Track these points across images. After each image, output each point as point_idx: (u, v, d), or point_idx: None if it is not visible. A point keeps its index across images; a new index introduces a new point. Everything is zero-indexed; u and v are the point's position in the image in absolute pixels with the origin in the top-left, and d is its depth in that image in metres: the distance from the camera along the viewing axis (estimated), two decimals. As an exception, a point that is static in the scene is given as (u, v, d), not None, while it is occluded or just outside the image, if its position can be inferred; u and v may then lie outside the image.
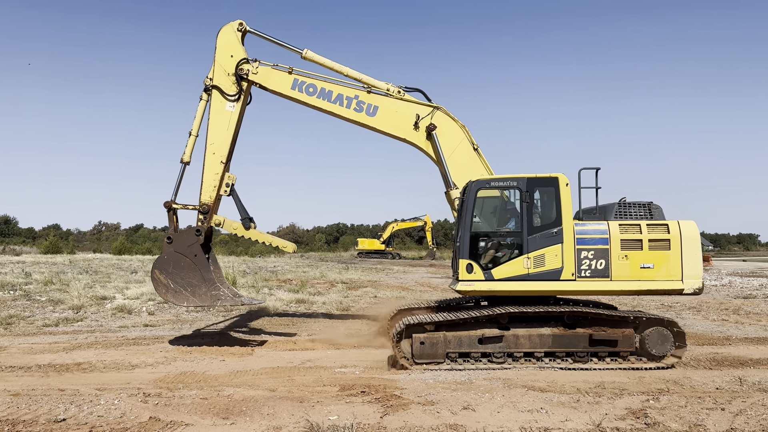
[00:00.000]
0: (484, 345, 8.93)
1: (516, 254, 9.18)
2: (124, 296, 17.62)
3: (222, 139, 10.87)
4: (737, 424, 6.09)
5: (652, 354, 8.98)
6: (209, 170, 10.86)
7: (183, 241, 10.60)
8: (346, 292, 21.48)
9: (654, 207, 9.64)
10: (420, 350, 8.84)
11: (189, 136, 10.97)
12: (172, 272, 10.47)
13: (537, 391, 7.48)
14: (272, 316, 15.13)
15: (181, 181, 10.84)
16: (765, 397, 7.11)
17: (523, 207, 9.19)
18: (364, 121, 11.05)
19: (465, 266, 9.24)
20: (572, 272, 9.08)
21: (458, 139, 10.93)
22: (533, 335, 8.95)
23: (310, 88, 11.11)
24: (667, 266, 9.12)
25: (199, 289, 10.44)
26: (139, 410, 6.56)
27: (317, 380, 8.17)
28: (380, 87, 11.07)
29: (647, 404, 6.87)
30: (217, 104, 10.95)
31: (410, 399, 7.05)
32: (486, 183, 9.48)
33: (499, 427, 6.08)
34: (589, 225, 9.26)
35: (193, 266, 10.53)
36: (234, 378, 8.40)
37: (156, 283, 10.51)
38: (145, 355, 10.03)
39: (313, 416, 6.33)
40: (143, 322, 13.91)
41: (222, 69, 10.98)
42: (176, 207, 10.74)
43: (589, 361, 8.98)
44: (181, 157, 10.92)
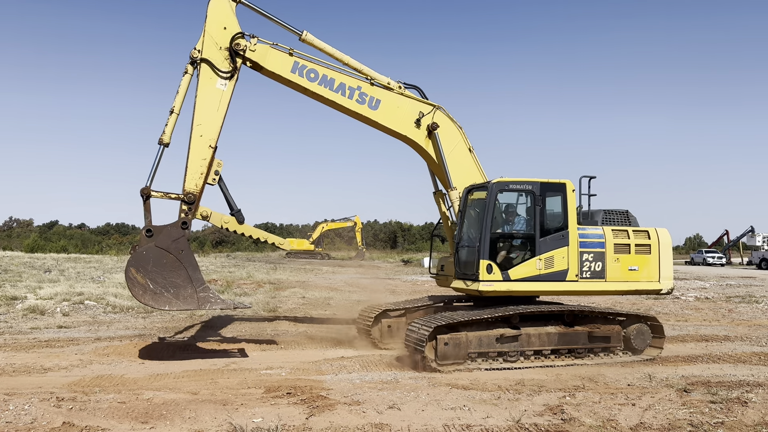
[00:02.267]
0: (501, 344, 9.21)
1: (529, 256, 9.63)
2: (36, 296, 16.72)
3: (211, 121, 9.52)
4: (646, 419, 6.45)
5: (635, 348, 9.87)
6: (196, 155, 9.37)
7: (166, 235, 9.01)
8: (274, 292, 21.24)
9: (630, 215, 10.60)
10: (444, 351, 8.85)
11: (170, 114, 9.47)
12: (151, 271, 8.85)
13: (460, 389, 7.65)
14: (195, 317, 14.75)
15: (158, 166, 9.35)
16: (672, 393, 7.56)
17: (536, 210, 9.66)
18: (366, 113, 10.52)
19: (485, 267, 9.44)
20: (576, 273, 9.75)
21: (456, 140, 10.92)
22: (542, 334, 9.46)
23: (312, 73, 10.21)
24: (648, 268, 10.16)
25: (184, 290, 8.94)
26: (52, 415, 6.25)
27: (242, 382, 8.04)
28: (381, 80, 10.60)
29: (564, 400, 7.16)
30: (206, 81, 9.60)
31: (336, 399, 7.06)
32: (506, 185, 9.80)
33: (424, 425, 6.18)
34: (588, 229, 10.02)
35: (178, 264, 9.00)
36: (154, 381, 8.15)
37: (131, 283, 8.81)
38: (59, 358, 9.57)
39: (237, 419, 6.23)
40: (57, 324, 13.25)
41: (213, 41, 9.65)
42: (155, 195, 9.19)
43: (587, 356, 9.70)
44: (160, 138, 9.36)
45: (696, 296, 21.74)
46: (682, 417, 6.50)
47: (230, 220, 10.42)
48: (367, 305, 11.89)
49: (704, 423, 6.26)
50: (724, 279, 31.97)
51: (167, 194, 9.28)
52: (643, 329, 9.98)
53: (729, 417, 6.46)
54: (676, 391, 7.62)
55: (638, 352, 9.94)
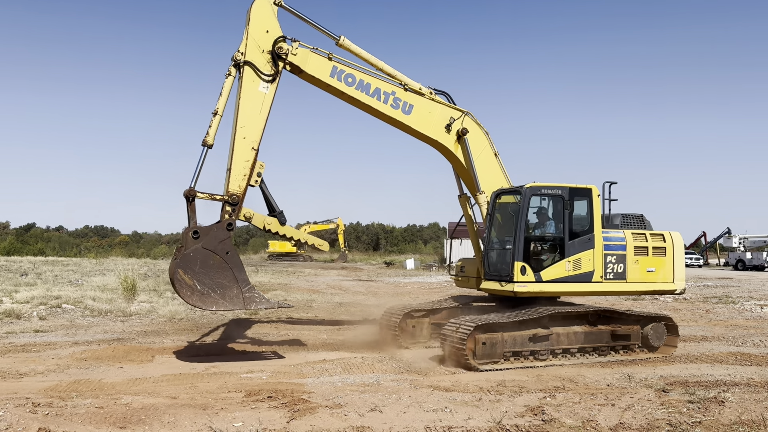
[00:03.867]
0: (534, 343, 9.59)
1: (559, 258, 10.01)
2: (12, 300, 16.44)
3: (254, 123, 9.61)
4: (625, 419, 6.51)
5: (652, 346, 10.41)
6: (239, 157, 9.47)
7: (213, 236, 9.12)
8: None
9: (645, 219, 11.11)
10: (482, 350, 9.16)
11: (213, 116, 9.54)
12: (199, 272, 8.93)
13: (442, 391, 7.67)
14: (175, 321, 14.61)
15: (202, 166, 9.37)
16: (650, 393, 7.64)
17: (565, 214, 10.05)
18: (400, 118, 10.73)
19: (519, 268, 9.77)
20: (601, 275, 10.18)
21: (483, 145, 11.17)
22: (570, 333, 9.90)
23: (349, 78, 10.38)
24: (664, 270, 10.70)
25: (230, 290, 9.09)
26: (27, 421, 6.14)
27: (222, 386, 7.97)
28: (413, 86, 10.83)
29: (544, 401, 7.20)
30: (249, 83, 9.67)
31: (318, 402, 7.03)
32: (538, 190, 10.19)
33: (405, 427, 6.18)
34: (611, 233, 10.48)
35: (225, 265, 9.12)
36: (132, 386, 8.04)
37: (179, 285, 8.88)
38: (35, 363, 9.42)
39: (217, 423, 6.17)
40: (33, 328, 13.04)
41: (256, 44, 9.72)
42: (201, 197, 9.23)
43: (608, 354, 10.19)
44: (204, 139, 9.42)
45: (674, 297, 22.00)
46: (660, 417, 6.57)
47: (272, 222, 10.55)
48: (390, 306, 12.10)
49: (682, 422, 6.33)
50: (701, 280, 32.43)
51: (212, 196, 9.32)
52: (660, 328, 10.48)
53: (706, 416, 6.54)
54: (655, 391, 7.71)
55: (654, 350, 10.45)
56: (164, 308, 16.00)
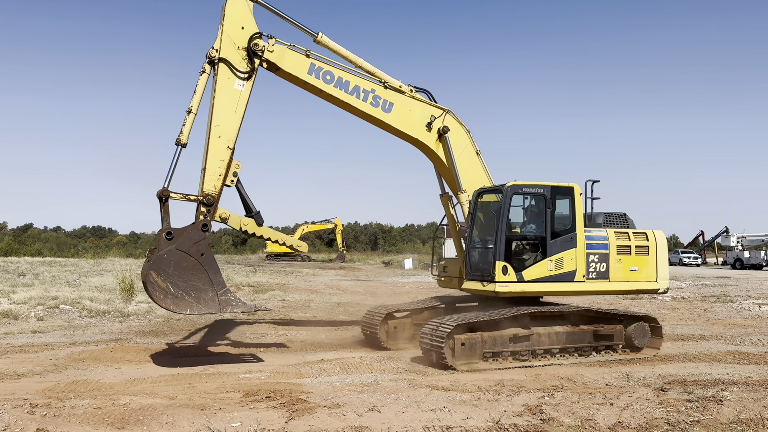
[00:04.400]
0: (514, 344, 9.49)
1: (541, 257, 9.93)
2: (10, 301, 16.41)
3: (229, 121, 9.44)
4: (624, 418, 6.51)
5: (636, 346, 10.30)
6: (214, 156, 9.31)
7: (187, 237, 8.89)
8: (254, 295, 21.10)
9: (628, 217, 10.96)
10: (461, 351, 9.08)
11: (187, 114, 9.34)
12: (172, 274, 8.69)
13: (440, 390, 7.66)
14: (172, 321, 14.60)
15: (176, 166, 9.22)
16: (649, 392, 7.64)
17: (547, 213, 9.97)
18: (379, 116, 10.60)
19: (501, 268, 9.68)
20: (583, 274, 10.10)
21: (464, 143, 11.09)
22: (551, 333, 9.79)
23: (328, 75, 10.23)
24: (647, 269, 10.61)
25: (205, 293, 8.85)
26: (25, 422, 6.13)
27: (220, 387, 7.96)
28: (393, 83, 10.70)
29: (543, 401, 7.20)
30: (224, 81, 9.49)
31: (316, 402, 7.02)
32: (519, 189, 10.10)
33: (404, 427, 6.17)
34: (593, 231, 10.39)
35: (199, 267, 8.89)
36: (130, 386, 8.03)
37: (152, 288, 8.65)
38: (33, 364, 9.40)
39: (215, 423, 6.16)
40: (31, 329, 13.02)
41: (231, 41, 9.54)
42: (174, 197, 9.05)
43: (590, 354, 10.08)
44: (178, 138, 9.23)
45: (672, 296, 22.02)
46: (659, 416, 6.57)
47: (249, 223, 10.27)
48: (372, 307, 11.94)
49: (681, 421, 6.33)
50: (699, 279, 32.46)
51: (186, 196, 9.16)
52: (644, 328, 10.40)
53: (705, 415, 6.54)
54: (653, 390, 7.71)
55: (638, 350, 10.34)
56: (162, 309, 15.95)
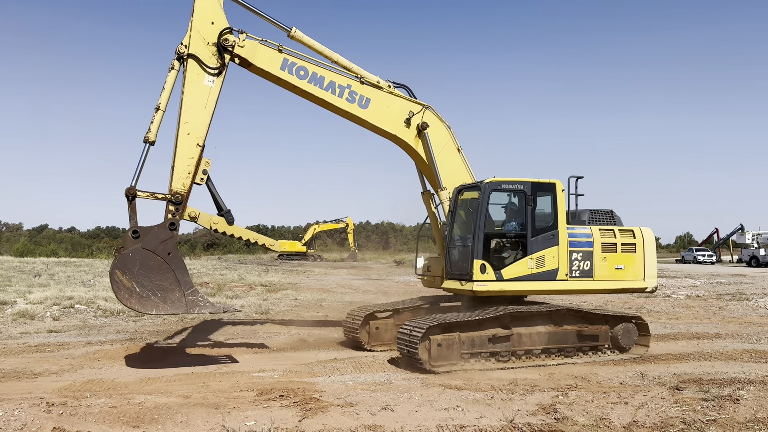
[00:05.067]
0: (493, 344, 9.21)
1: (521, 255, 9.66)
2: (26, 301, 16.59)
3: (199, 119, 9.21)
4: (639, 417, 6.47)
5: (622, 346, 9.97)
6: (183, 154, 9.08)
7: (154, 236, 8.68)
8: (266, 294, 21.17)
9: (615, 214, 10.70)
10: (438, 352, 8.81)
11: (155, 111, 9.18)
12: (138, 273, 8.50)
13: (454, 389, 7.65)
14: (186, 321, 14.67)
15: (143, 164, 9.04)
16: (664, 391, 7.58)
17: (527, 210, 9.70)
18: (356, 112, 10.37)
19: (479, 266, 9.40)
20: (566, 273, 9.80)
21: (445, 139, 10.88)
22: (533, 333, 9.46)
23: (301, 71, 10.00)
24: (633, 267, 10.29)
25: (172, 293, 8.65)
26: (42, 421, 6.19)
27: (234, 385, 8.00)
28: (371, 79, 10.48)
29: (557, 400, 7.17)
30: (193, 77, 9.30)
31: (329, 401, 7.03)
32: (498, 185, 9.81)
33: (417, 426, 6.17)
34: (577, 229, 10.06)
35: (166, 267, 8.69)
36: (145, 385, 8.09)
37: (116, 287, 8.44)
38: (49, 363, 9.49)
39: (229, 422, 6.19)
40: (47, 328, 13.15)
41: (200, 37, 9.33)
42: (141, 195, 8.84)
43: (575, 355, 9.73)
44: (146, 136, 9.04)
45: (687, 294, 21.85)
46: (674, 415, 6.52)
47: (219, 221, 10.14)
48: (355, 307, 11.75)
49: (696, 420, 6.28)
50: (714, 277, 32.16)
51: (154, 194, 8.98)
52: (630, 328, 10.05)
53: (721, 414, 6.48)
54: (669, 389, 7.65)
55: (625, 351, 10.04)
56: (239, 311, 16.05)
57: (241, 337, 12.19)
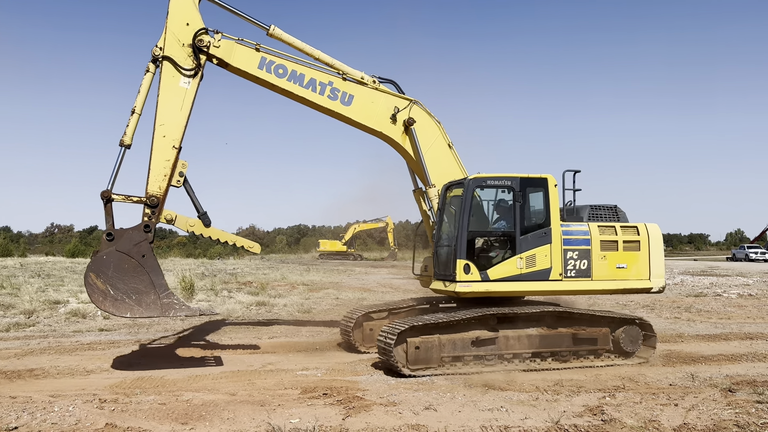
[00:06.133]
0: (477, 347, 8.81)
1: (509, 254, 9.16)
2: (78, 300, 17.14)
3: (174, 121, 9.18)
4: (690, 419, 6.30)
5: (625, 351, 9.30)
6: (159, 156, 9.04)
7: (128, 238, 8.61)
8: (308, 294, 21.36)
9: (619, 210, 10.00)
10: (415, 355, 8.50)
11: (131, 114, 9.13)
12: (112, 276, 8.44)
13: (497, 390, 7.59)
14: (232, 320, 14.93)
15: (119, 168, 9.04)
16: (716, 393, 7.36)
17: (516, 207, 9.19)
18: (338, 110, 10.14)
19: (462, 267, 9.00)
20: (560, 272, 9.23)
21: (434, 135, 10.50)
22: (522, 336, 8.98)
23: (280, 69, 9.86)
24: (637, 266, 9.54)
25: (146, 296, 8.55)
26: (95, 417, 6.40)
27: (278, 383, 8.11)
28: (354, 75, 10.21)
29: (604, 401, 7.04)
30: (168, 79, 9.23)
31: (372, 400, 7.06)
32: (483, 181, 9.38)
33: (461, 426, 6.14)
34: (573, 226, 9.46)
35: (140, 269, 8.60)
36: (193, 382, 8.27)
37: (90, 289, 8.43)
38: (101, 360, 9.79)
39: (275, 420, 6.28)
40: (98, 327, 13.56)
41: (175, 38, 9.28)
42: (116, 198, 8.83)
43: (570, 359, 9.16)
44: (121, 139, 9.00)
45: (739, 293, 21.14)
46: (727, 417, 6.32)
47: (196, 224, 10.00)
48: (350, 308, 11.51)
49: (751, 424, 6.08)
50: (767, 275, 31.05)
51: (129, 197, 8.95)
52: (633, 331, 9.37)
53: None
54: (721, 391, 7.43)
55: (629, 356, 9.39)
56: (221, 307, 16.39)
57: (284, 336, 12.33)
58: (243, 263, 45.09)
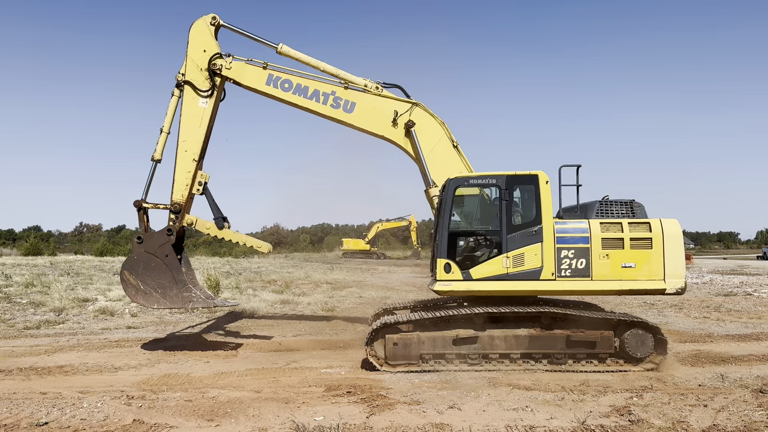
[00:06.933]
0: (458, 346, 8.74)
1: (495, 253, 9.01)
2: (106, 298, 17.43)
3: (194, 136, 10.56)
4: (720, 421, 6.17)
5: (632, 356, 8.76)
6: (181, 168, 10.51)
7: (153, 241, 10.26)
8: (331, 292, 21.43)
9: (636, 205, 9.45)
10: (393, 351, 8.68)
11: (160, 133, 10.62)
12: (142, 273, 10.11)
13: (522, 390, 7.52)
14: (256, 317, 15.05)
15: (151, 180, 10.52)
16: (746, 394, 7.21)
17: (502, 205, 9.04)
18: (341, 117, 10.72)
19: (443, 266, 9.04)
20: (552, 272, 8.89)
21: (437, 136, 10.62)
22: (509, 336, 8.75)
23: (286, 83, 10.75)
24: (649, 265, 8.91)
25: (170, 290, 10.11)
26: (123, 413, 6.50)
27: (303, 381, 8.14)
28: (358, 83, 10.72)
29: (631, 401, 6.94)
30: (189, 100, 10.63)
31: (396, 399, 7.05)
32: (465, 180, 9.34)
33: (485, 425, 6.10)
34: (569, 223, 9.10)
35: (164, 267, 10.18)
36: (218, 379, 8.35)
37: (125, 285, 10.17)
38: (128, 358, 9.94)
39: (299, 417, 6.31)
40: (126, 324, 13.77)
41: (194, 64, 10.66)
42: (147, 206, 10.42)
43: (566, 362, 8.79)
44: (152, 155, 10.57)
45: (770, 292, 20.67)
46: (758, 419, 6.18)
47: (211, 226, 10.88)
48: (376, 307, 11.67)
49: (784, 426, 5.94)
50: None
51: (156, 205, 10.50)
52: (641, 335, 8.75)
53: (811, 420, 6.10)
54: (752, 392, 7.27)
55: (638, 362, 8.75)
56: (246, 304, 16.52)
57: (308, 334, 12.38)
58: (267, 262, 45.40)
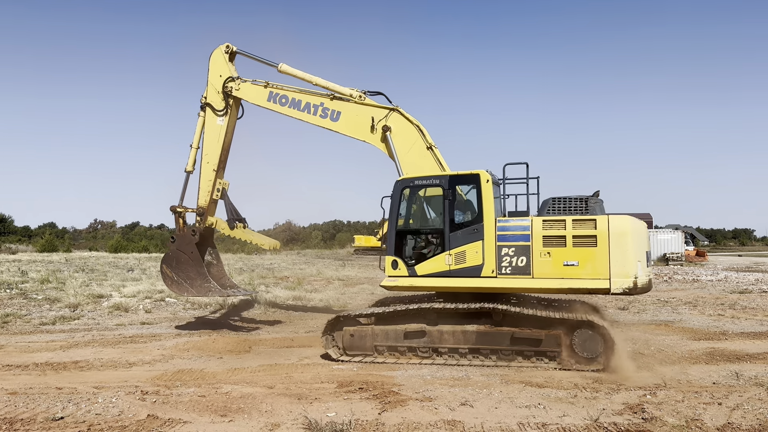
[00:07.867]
0: (408, 340, 9.15)
1: (439, 251, 9.38)
2: (120, 294, 17.58)
3: (214, 150, 12.33)
4: (734, 419, 6.12)
5: (581, 356, 8.52)
6: (204, 178, 12.39)
7: (183, 240, 12.27)
8: (343, 288, 21.47)
9: (593, 201, 9.21)
10: (350, 342, 9.33)
11: (191, 148, 12.50)
12: (175, 267, 12.14)
13: (534, 387, 7.50)
14: (269, 314, 15.12)
15: (186, 189, 12.53)
16: (761, 392, 7.15)
17: (445, 204, 9.40)
18: (329, 126, 11.52)
19: (390, 263, 9.62)
20: (492, 269, 9.01)
21: (412, 139, 10.82)
22: (457, 332, 8.96)
23: (283, 99, 11.86)
24: (593, 264, 8.67)
25: (195, 281, 11.97)
26: (137, 408, 6.56)
27: (315, 377, 8.18)
28: (344, 93, 11.39)
29: (644, 399, 6.90)
30: (210, 119, 12.34)
31: (408, 395, 7.06)
32: (410, 181, 9.77)
33: (497, 422, 6.10)
34: (511, 221, 9.16)
35: (190, 262, 12.09)
36: (232, 375, 8.41)
37: (164, 276, 12.31)
38: (143, 353, 10.03)
39: (311, 413, 6.34)
40: (140, 320, 13.89)
41: (213, 88, 12.34)
42: (180, 210, 12.39)
43: (515, 359, 8.77)
44: (185, 167, 12.55)
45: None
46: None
47: (225, 227, 12.64)
48: None
49: (800, 424, 5.88)
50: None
51: (187, 209, 12.49)
52: (588, 336, 8.48)
53: (828, 418, 6.04)
54: (767, 390, 7.21)
55: (584, 361, 8.48)
56: (259, 301, 16.60)
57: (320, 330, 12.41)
58: (279, 258, 45.51)
